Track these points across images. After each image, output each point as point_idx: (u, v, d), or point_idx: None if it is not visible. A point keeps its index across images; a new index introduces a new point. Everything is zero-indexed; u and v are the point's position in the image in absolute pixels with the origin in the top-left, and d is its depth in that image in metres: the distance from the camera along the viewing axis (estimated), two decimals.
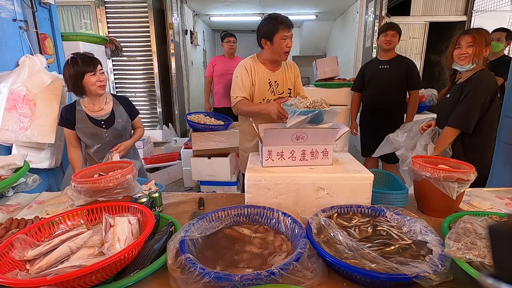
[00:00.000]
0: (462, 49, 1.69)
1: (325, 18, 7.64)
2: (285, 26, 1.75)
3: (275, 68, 1.93)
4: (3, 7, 1.97)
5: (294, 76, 1.99)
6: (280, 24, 1.75)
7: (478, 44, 1.65)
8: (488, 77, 1.70)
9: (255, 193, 1.21)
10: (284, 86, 1.95)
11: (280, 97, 1.93)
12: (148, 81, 5.28)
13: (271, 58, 1.88)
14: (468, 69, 1.73)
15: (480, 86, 1.67)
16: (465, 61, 1.70)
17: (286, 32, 1.76)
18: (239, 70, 1.93)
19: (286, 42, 1.77)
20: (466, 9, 4.99)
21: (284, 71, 1.96)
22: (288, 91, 1.97)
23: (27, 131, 1.94)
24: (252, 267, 0.87)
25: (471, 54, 1.67)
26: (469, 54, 1.67)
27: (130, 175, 1.21)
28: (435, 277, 0.76)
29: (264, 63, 1.92)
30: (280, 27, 1.75)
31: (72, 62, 1.64)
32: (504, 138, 2.24)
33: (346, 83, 3.45)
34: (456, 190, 1.15)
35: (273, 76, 1.92)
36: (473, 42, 1.66)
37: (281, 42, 1.77)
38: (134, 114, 1.94)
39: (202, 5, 6.43)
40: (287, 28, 1.75)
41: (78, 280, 0.74)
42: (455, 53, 1.73)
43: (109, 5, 4.96)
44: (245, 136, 2.05)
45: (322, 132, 1.26)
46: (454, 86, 1.85)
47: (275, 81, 1.92)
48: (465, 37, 1.68)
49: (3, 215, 1.32)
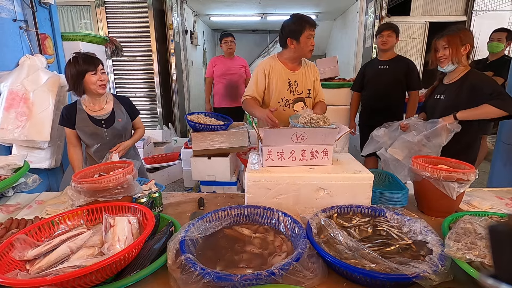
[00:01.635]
0: (439, 52, 1.77)
1: (325, 18, 7.65)
2: (311, 25, 1.80)
3: (295, 68, 1.95)
4: (3, 7, 1.97)
5: (313, 77, 2.01)
6: (307, 24, 1.80)
7: (453, 44, 1.71)
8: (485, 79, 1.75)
9: (255, 193, 1.21)
10: (304, 86, 1.97)
11: (299, 97, 1.96)
12: (148, 81, 5.29)
13: (294, 57, 1.91)
14: (451, 70, 1.79)
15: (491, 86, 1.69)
16: (444, 63, 1.77)
17: (311, 31, 1.81)
18: (257, 70, 1.97)
19: (311, 41, 1.83)
20: (466, 9, 5.00)
21: (304, 71, 1.97)
22: (307, 91, 1.98)
23: (24, 130, 1.93)
24: (252, 267, 0.87)
25: (448, 55, 1.73)
26: (446, 55, 1.74)
27: (130, 175, 1.21)
28: (435, 277, 0.76)
29: (285, 63, 1.94)
30: (307, 26, 1.79)
31: (74, 61, 1.66)
32: (504, 138, 2.24)
33: (346, 83, 3.45)
34: (456, 190, 1.15)
35: (293, 76, 1.94)
36: (448, 43, 1.72)
37: (307, 41, 1.82)
38: (134, 114, 1.94)
39: (202, 5, 6.44)
40: (313, 27, 1.81)
41: (78, 280, 0.74)
42: (434, 57, 1.82)
43: (109, 5, 4.97)
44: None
45: (322, 132, 1.26)
46: (444, 86, 1.86)
47: (294, 80, 1.94)
48: (439, 41, 1.77)
49: (3, 215, 1.32)
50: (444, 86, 1.86)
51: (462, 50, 1.72)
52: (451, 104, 1.78)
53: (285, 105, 1.95)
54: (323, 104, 2.03)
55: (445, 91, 1.84)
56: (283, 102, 1.94)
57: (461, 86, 1.76)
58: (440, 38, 1.77)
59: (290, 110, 1.95)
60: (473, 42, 1.76)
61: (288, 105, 1.95)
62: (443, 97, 1.84)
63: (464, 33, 1.74)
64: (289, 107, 1.96)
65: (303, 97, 1.96)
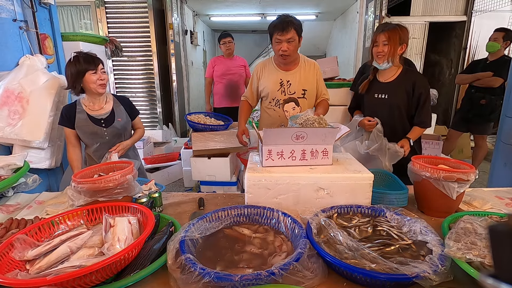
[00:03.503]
0: (378, 47, 1.70)
1: (325, 18, 7.65)
2: (279, 29, 1.73)
3: (289, 68, 1.91)
4: (3, 7, 1.97)
5: (313, 76, 1.95)
6: (273, 28, 1.75)
7: (392, 42, 1.66)
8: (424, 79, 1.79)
9: (255, 193, 1.21)
10: (298, 86, 1.91)
11: (291, 97, 1.93)
12: (148, 81, 5.29)
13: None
14: (386, 68, 1.76)
15: (428, 88, 1.76)
16: (381, 60, 1.71)
17: (279, 35, 1.74)
18: (252, 75, 2.00)
19: (280, 46, 1.76)
20: (466, 9, 5.00)
21: (301, 71, 1.92)
22: (302, 91, 1.92)
23: (15, 128, 1.91)
24: (252, 267, 0.87)
25: (386, 52, 1.68)
26: (385, 52, 1.69)
27: (130, 175, 1.21)
28: (435, 277, 0.76)
29: (278, 63, 1.93)
30: (274, 31, 1.75)
31: (74, 60, 1.67)
32: (504, 138, 2.24)
33: (346, 83, 3.44)
34: (456, 190, 1.15)
35: (285, 76, 1.91)
36: (388, 40, 1.66)
37: (275, 45, 1.79)
38: (134, 114, 1.94)
39: (202, 5, 6.44)
40: (280, 31, 1.73)
41: (78, 280, 0.74)
42: (374, 51, 1.74)
43: (109, 5, 4.97)
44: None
45: (322, 132, 1.26)
46: (381, 85, 1.81)
47: (287, 80, 1.90)
48: (380, 34, 1.68)
49: (3, 215, 1.32)
50: (382, 85, 1.81)
51: (399, 49, 1.70)
52: (395, 103, 1.77)
53: (275, 105, 1.95)
54: (325, 103, 1.99)
55: (386, 90, 1.80)
56: (274, 102, 1.94)
57: (401, 84, 1.76)
58: (381, 32, 1.69)
59: (280, 111, 1.94)
60: (408, 42, 1.72)
61: (278, 105, 1.94)
62: (386, 96, 1.80)
63: (403, 31, 1.68)
64: (279, 107, 1.94)
65: (295, 97, 1.92)
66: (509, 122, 2.19)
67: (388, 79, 1.80)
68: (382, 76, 1.83)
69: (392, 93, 1.78)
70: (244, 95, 2.09)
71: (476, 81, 3.26)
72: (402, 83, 1.76)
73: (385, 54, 1.69)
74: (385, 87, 1.81)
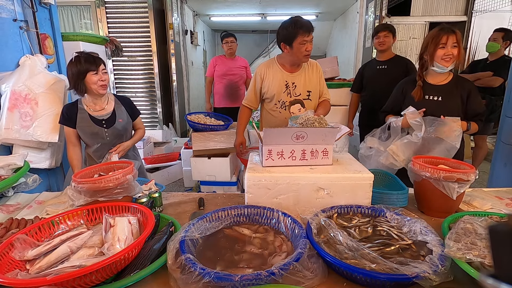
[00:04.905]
0: (446, 49, 1.61)
1: (325, 18, 7.64)
2: (305, 31, 1.72)
3: (294, 69, 1.91)
4: (3, 7, 1.97)
5: (316, 77, 1.95)
6: (300, 29, 1.72)
7: (460, 44, 1.62)
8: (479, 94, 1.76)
9: (255, 193, 1.21)
10: (303, 88, 1.91)
11: (297, 99, 1.92)
12: (148, 81, 5.29)
13: (290, 61, 1.88)
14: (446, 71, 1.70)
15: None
16: (449, 63, 1.64)
17: (305, 36, 1.73)
18: (254, 76, 1.96)
19: (305, 47, 1.76)
20: (466, 9, 5.00)
21: (305, 72, 1.92)
22: (307, 93, 1.92)
23: (29, 130, 1.94)
24: (252, 267, 0.87)
25: (455, 55, 1.62)
26: (454, 55, 1.62)
27: (130, 175, 1.21)
28: (435, 277, 0.76)
29: (283, 65, 1.91)
30: (300, 32, 1.72)
31: (75, 60, 1.66)
32: (504, 138, 2.24)
33: (346, 83, 3.45)
34: (456, 190, 1.15)
35: (290, 78, 1.90)
36: (457, 42, 1.61)
37: (300, 47, 1.75)
38: (135, 114, 1.94)
39: (202, 5, 6.44)
40: (307, 32, 1.72)
41: (78, 280, 0.74)
42: (439, 53, 1.64)
43: (109, 5, 4.97)
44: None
45: (322, 132, 1.26)
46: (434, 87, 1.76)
47: (292, 82, 1.90)
48: (451, 36, 1.60)
49: (3, 215, 1.32)
50: (435, 87, 1.76)
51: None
52: (450, 105, 1.72)
53: (281, 107, 1.94)
54: (327, 103, 1.99)
55: (440, 92, 1.74)
56: (280, 104, 1.93)
57: (456, 89, 1.72)
58: (452, 33, 1.59)
59: (286, 113, 1.94)
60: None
61: (284, 107, 1.93)
62: (440, 98, 1.74)
63: (459, 34, 1.64)
64: (285, 109, 1.94)
65: (301, 99, 1.92)
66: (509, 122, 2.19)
67: (441, 82, 1.75)
68: (434, 78, 1.76)
69: (446, 96, 1.73)
70: (245, 100, 2.04)
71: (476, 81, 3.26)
72: (458, 87, 1.71)
73: (454, 56, 1.62)
74: (439, 90, 1.74)
